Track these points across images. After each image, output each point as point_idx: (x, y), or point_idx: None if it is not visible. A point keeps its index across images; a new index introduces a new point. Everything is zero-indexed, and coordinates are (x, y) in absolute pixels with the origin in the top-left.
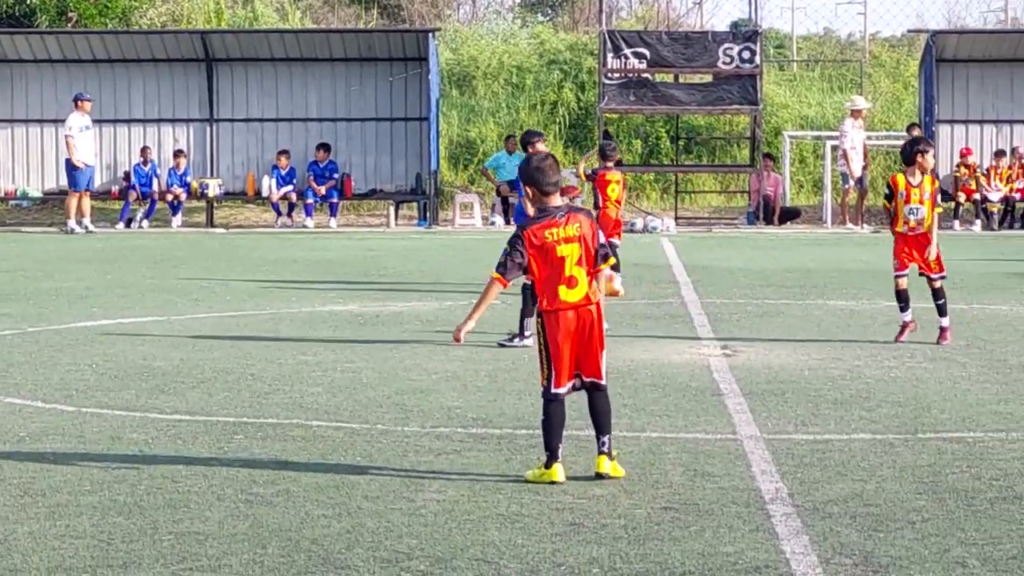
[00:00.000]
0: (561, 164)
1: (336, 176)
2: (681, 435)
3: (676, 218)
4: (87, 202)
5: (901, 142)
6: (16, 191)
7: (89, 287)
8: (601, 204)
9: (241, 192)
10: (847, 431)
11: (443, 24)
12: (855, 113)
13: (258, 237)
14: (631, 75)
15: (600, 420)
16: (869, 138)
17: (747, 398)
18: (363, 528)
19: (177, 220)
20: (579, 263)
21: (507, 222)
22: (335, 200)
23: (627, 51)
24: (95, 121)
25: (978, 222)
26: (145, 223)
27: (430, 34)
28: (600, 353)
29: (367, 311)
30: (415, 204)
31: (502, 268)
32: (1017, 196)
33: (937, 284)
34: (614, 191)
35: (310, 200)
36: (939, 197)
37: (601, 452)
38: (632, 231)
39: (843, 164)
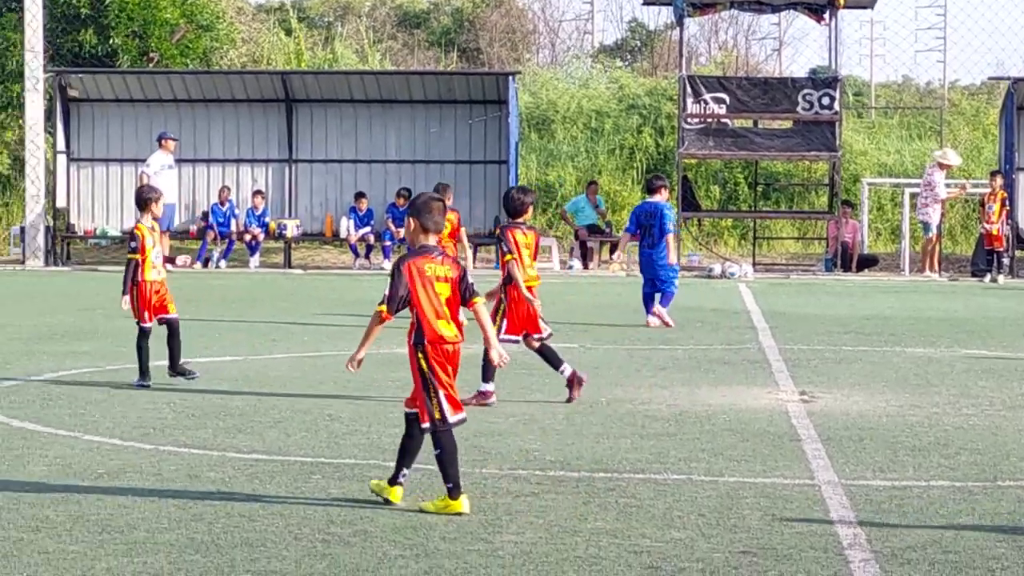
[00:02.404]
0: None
1: None
2: (759, 480)
3: (754, 264)
4: (166, 241)
5: (982, 190)
6: (95, 230)
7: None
8: None
9: (319, 233)
10: (925, 478)
11: (522, 68)
12: (943, 166)
13: (335, 278)
14: (710, 120)
15: (410, 455)
16: (948, 186)
17: (825, 444)
18: (441, 569)
19: (255, 260)
20: (449, 303)
21: (585, 266)
22: None
23: (706, 96)
24: (176, 160)
25: None
26: (223, 263)
27: (510, 77)
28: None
29: None
30: (493, 247)
31: (387, 301)
32: None
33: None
34: None
35: (388, 242)
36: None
37: (399, 484)
38: (710, 276)
39: (925, 213)
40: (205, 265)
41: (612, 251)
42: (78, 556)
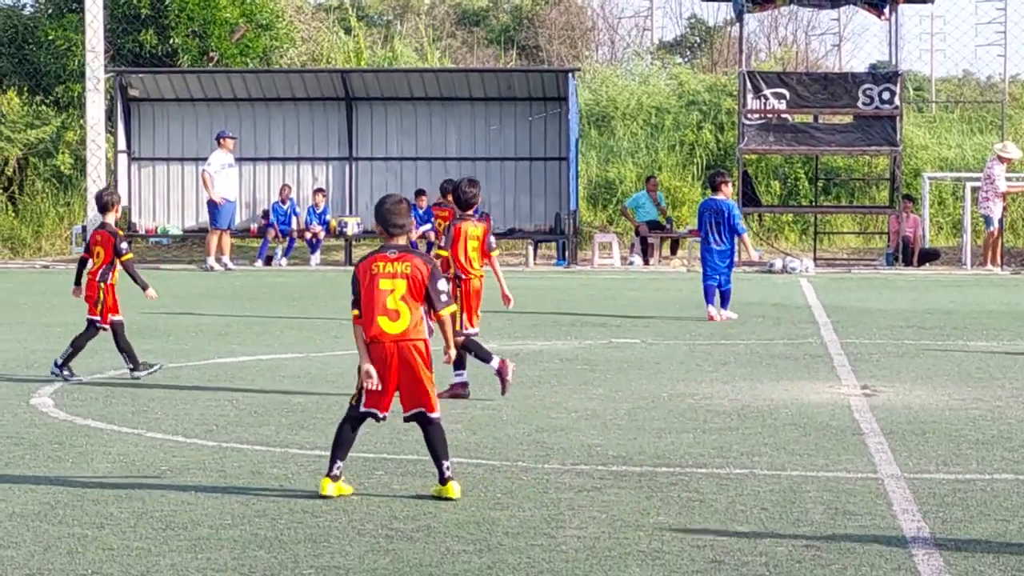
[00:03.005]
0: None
1: None
2: (822, 474)
3: (815, 259)
4: (227, 240)
5: None
6: (157, 228)
7: (228, 324)
8: None
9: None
10: (989, 471)
11: (582, 65)
12: (1003, 159)
13: None
14: (771, 116)
15: (437, 450)
16: (1008, 179)
17: (888, 437)
18: (504, 564)
19: (316, 258)
20: (404, 299)
21: (646, 262)
22: None
23: (767, 92)
24: (236, 159)
25: None
26: (284, 261)
27: (570, 74)
28: (426, 387)
29: (507, 349)
30: (554, 244)
31: (355, 306)
32: None
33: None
34: None
35: None
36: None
37: (447, 480)
38: (771, 272)
39: (986, 207)
40: (267, 263)
41: (673, 248)
42: (142, 552)
